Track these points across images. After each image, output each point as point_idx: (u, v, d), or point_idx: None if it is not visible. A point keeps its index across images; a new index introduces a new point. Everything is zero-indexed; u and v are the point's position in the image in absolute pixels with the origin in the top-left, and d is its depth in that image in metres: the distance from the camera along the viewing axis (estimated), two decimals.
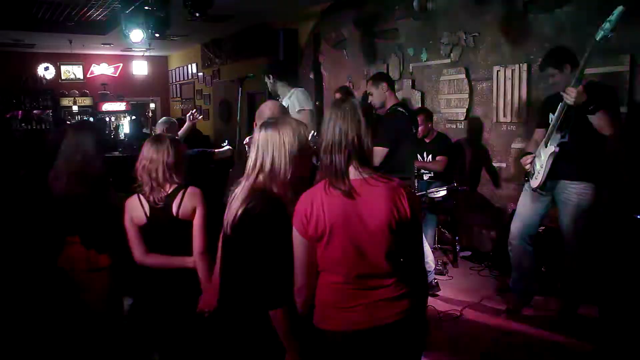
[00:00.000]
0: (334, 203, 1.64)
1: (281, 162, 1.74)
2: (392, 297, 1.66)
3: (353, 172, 1.66)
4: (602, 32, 2.74)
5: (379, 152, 3.38)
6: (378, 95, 3.69)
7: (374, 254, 1.64)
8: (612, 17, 2.70)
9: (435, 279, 3.99)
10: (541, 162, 3.27)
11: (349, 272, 1.66)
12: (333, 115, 1.71)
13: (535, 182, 3.33)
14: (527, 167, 3.38)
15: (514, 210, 3.71)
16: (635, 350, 2.84)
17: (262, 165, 1.76)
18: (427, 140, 4.90)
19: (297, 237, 1.69)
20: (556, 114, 3.16)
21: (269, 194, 1.74)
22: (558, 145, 3.17)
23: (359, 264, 1.64)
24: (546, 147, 3.24)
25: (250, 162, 1.80)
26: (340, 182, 1.64)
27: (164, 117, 4.62)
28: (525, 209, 3.49)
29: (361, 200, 1.63)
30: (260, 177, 1.76)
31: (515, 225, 3.52)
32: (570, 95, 2.92)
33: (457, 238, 4.76)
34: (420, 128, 4.52)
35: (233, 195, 1.80)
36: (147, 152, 2.29)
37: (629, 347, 2.89)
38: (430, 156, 4.88)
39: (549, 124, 3.30)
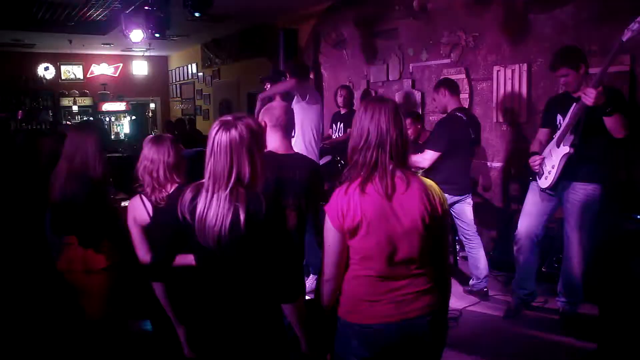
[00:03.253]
0: (371, 200, 1.65)
1: (256, 167, 1.64)
2: (419, 290, 1.71)
3: (392, 170, 1.68)
4: (631, 33, 2.70)
5: (429, 156, 3.67)
6: (439, 100, 3.87)
7: (407, 249, 1.67)
8: None
9: (486, 287, 3.96)
10: (552, 163, 3.22)
11: (382, 266, 1.69)
12: (375, 112, 1.68)
13: (545, 182, 3.29)
14: (536, 168, 3.34)
15: (514, 211, 3.71)
16: (635, 350, 2.84)
17: (238, 174, 1.61)
18: (420, 142, 4.90)
19: (331, 230, 1.69)
20: (570, 114, 3.11)
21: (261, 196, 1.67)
22: (571, 146, 3.13)
23: (392, 258, 1.68)
24: (558, 147, 3.20)
25: (218, 169, 1.61)
26: (381, 179, 1.65)
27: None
28: (533, 208, 3.45)
29: (397, 197, 1.66)
30: (239, 186, 1.62)
31: (523, 224, 3.48)
32: (589, 97, 2.83)
33: (457, 239, 4.76)
34: (409, 130, 4.57)
35: (204, 206, 1.63)
36: (148, 152, 2.30)
37: (629, 347, 2.89)
38: None
39: (555, 124, 3.28)
